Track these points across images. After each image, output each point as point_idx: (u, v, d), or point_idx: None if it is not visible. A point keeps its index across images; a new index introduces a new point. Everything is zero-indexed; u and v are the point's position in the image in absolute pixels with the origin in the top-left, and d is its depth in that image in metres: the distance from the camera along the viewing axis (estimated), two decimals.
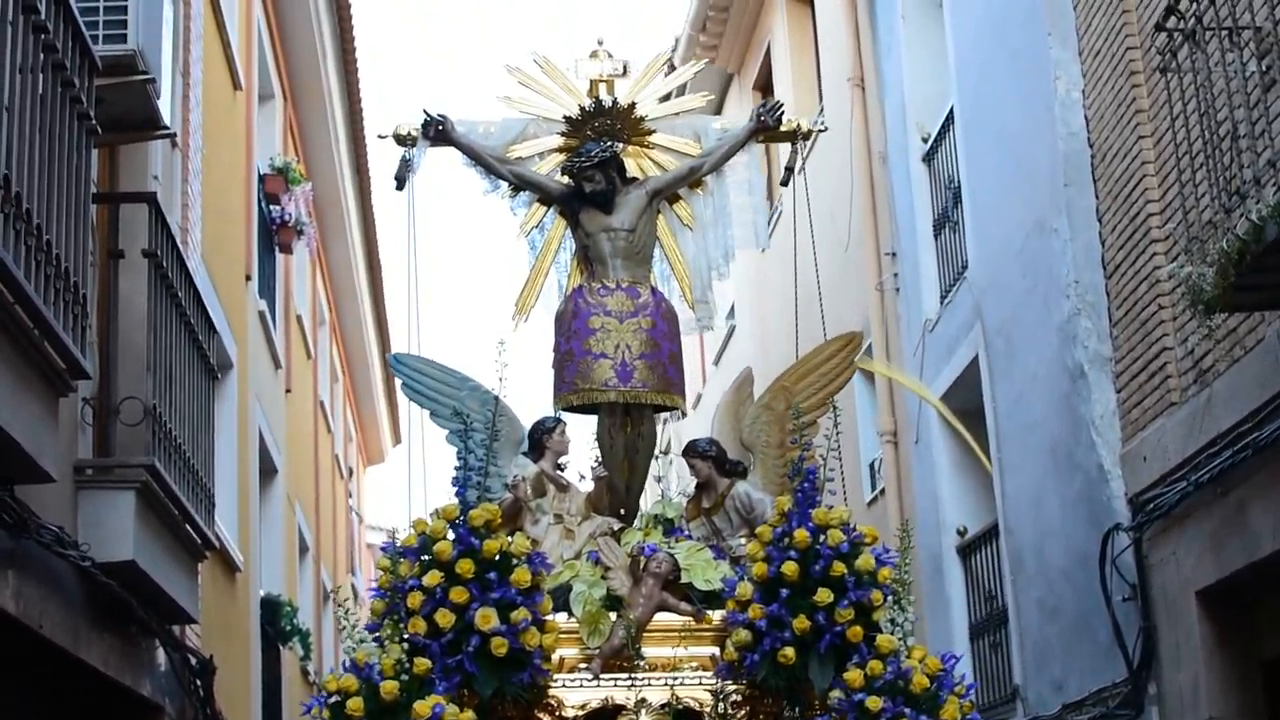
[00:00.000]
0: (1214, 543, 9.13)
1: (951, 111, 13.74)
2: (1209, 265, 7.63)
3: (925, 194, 14.73)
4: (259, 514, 15.49)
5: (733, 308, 21.26)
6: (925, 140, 14.64)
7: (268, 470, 16.34)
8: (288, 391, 17.90)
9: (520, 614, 8.59)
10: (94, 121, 7.18)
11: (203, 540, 9.79)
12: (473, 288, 73.69)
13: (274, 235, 16.64)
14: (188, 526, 9.40)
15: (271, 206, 16.30)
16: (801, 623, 8.56)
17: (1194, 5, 8.06)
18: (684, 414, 10.69)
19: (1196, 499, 9.24)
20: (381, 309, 25.87)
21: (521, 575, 8.69)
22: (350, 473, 27.65)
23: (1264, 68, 7.79)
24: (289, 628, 16.24)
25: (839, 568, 8.63)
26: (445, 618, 8.55)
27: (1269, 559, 8.50)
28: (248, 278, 14.79)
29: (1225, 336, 8.92)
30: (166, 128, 8.88)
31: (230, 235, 13.91)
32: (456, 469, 9.23)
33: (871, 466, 16.33)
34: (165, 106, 8.89)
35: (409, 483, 9.79)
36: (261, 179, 16.04)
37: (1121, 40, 10.28)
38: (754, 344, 20.01)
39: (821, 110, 16.58)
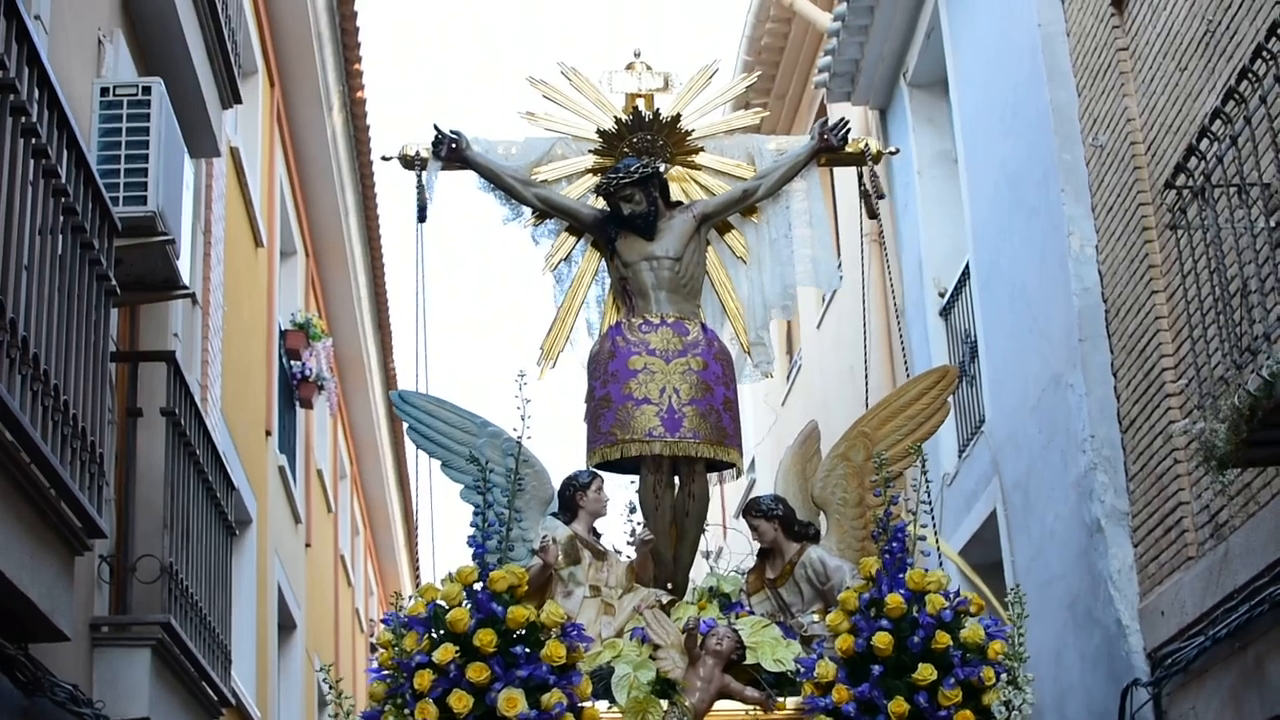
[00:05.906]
0: (1233, 698, 9.06)
1: (967, 267, 13.81)
2: (1221, 421, 7.62)
3: (942, 348, 14.76)
4: (277, 669, 15.45)
5: (753, 462, 21.25)
6: (942, 295, 14.70)
7: (287, 625, 16.32)
8: (308, 546, 17.92)
9: (554, 697, 7.28)
10: (113, 282, 7.23)
11: (219, 697, 9.76)
12: (487, 332, 66.90)
13: (295, 390, 16.74)
14: (204, 683, 9.37)
15: (292, 362, 16.42)
16: (899, 705, 7.49)
17: (1202, 163, 8.13)
18: (740, 472, 9.29)
19: (1214, 654, 9.18)
20: (403, 462, 25.91)
21: (554, 650, 7.35)
22: (371, 627, 27.59)
23: (1272, 224, 7.83)
24: None
25: (942, 639, 7.61)
26: (461, 701, 7.24)
27: None
28: (268, 433, 14.87)
29: (1240, 492, 8.91)
30: (186, 287, 8.93)
31: (251, 391, 13.99)
32: (474, 525, 7.80)
33: None
34: (185, 265, 8.98)
35: (422, 546, 8.69)
36: (283, 334, 16.16)
37: (1133, 197, 10.35)
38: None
39: (840, 264, 16.65)
